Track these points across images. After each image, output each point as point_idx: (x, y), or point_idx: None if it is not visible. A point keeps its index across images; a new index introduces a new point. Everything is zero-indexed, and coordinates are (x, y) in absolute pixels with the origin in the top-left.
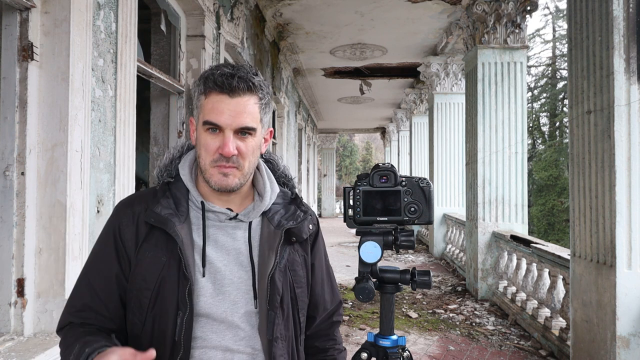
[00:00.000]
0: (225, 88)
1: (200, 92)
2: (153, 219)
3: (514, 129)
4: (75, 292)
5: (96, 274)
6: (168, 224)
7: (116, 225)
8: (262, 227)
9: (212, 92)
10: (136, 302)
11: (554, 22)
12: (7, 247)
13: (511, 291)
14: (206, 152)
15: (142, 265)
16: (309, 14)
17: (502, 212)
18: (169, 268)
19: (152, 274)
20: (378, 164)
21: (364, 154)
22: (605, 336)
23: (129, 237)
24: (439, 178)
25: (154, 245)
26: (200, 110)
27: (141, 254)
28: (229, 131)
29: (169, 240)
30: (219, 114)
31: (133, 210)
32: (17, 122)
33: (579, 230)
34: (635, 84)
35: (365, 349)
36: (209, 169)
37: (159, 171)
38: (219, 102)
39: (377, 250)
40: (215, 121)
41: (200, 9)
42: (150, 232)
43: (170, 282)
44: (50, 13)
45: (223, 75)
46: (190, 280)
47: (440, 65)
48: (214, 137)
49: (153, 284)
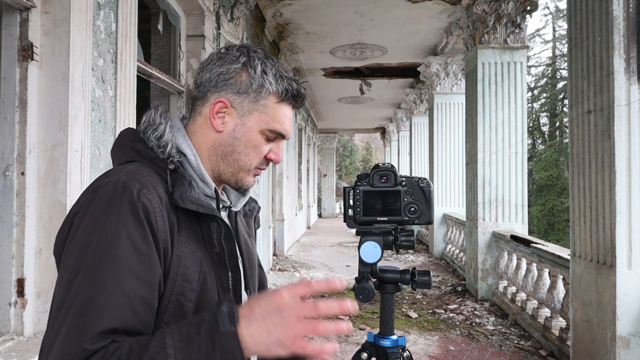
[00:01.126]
0: (297, 105)
1: (272, 91)
2: (195, 205)
3: (514, 129)
4: (104, 314)
5: (139, 283)
6: (216, 211)
7: (146, 212)
8: (237, 217)
9: (286, 103)
10: (177, 309)
11: (554, 22)
12: (7, 247)
13: (511, 291)
14: (256, 154)
15: (181, 262)
16: (309, 14)
17: (502, 212)
18: (206, 263)
19: (194, 272)
20: (378, 164)
21: (364, 154)
22: (605, 336)
23: (162, 228)
24: (439, 178)
25: (186, 237)
26: (264, 110)
27: (177, 249)
28: (282, 142)
29: (197, 229)
30: (286, 124)
31: (158, 193)
32: (17, 122)
33: (579, 230)
34: (635, 84)
35: (365, 349)
36: (251, 170)
37: (171, 147)
38: (287, 113)
39: (377, 250)
40: (285, 133)
41: (200, 9)
42: (179, 222)
43: (210, 279)
44: (50, 13)
45: (300, 94)
46: (234, 270)
47: (440, 65)
48: (267, 143)
49: (196, 283)
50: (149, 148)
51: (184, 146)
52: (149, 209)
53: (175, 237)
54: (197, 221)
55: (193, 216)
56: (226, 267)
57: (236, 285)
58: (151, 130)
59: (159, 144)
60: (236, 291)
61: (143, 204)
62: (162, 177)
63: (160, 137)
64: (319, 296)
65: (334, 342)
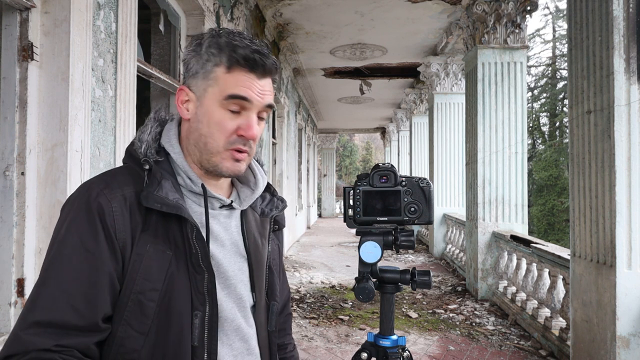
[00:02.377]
0: (258, 68)
1: (217, 63)
2: (159, 204)
3: (514, 129)
4: (43, 307)
5: (80, 279)
6: (182, 210)
7: (101, 211)
8: (249, 216)
9: (239, 69)
10: (136, 309)
11: (554, 22)
12: (7, 247)
13: (511, 291)
14: (220, 132)
15: (143, 261)
16: (309, 14)
17: (502, 212)
18: (177, 262)
19: (158, 271)
20: (378, 164)
21: (364, 154)
22: (605, 336)
23: (122, 227)
24: (439, 178)
25: (153, 236)
26: (215, 83)
27: (140, 248)
28: (254, 112)
29: (170, 229)
30: (243, 89)
31: (123, 193)
32: (17, 122)
33: (579, 230)
34: (635, 84)
35: (365, 349)
36: (221, 151)
37: (147, 147)
38: (247, 80)
39: (377, 250)
40: (247, 95)
41: (200, 9)
42: (146, 221)
43: (180, 280)
44: (50, 13)
45: (254, 52)
46: (208, 273)
47: (440, 65)
48: (233, 117)
49: (160, 283)
50: (134, 149)
51: (167, 145)
52: (105, 209)
53: (138, 235)
54: (172, 220)
55: (167, 216)
56: (202, 268)
57: (211, 287)
58: (139, 133)
59: (140, 145)
60: (211, 293)
61: (99, 204)
62: (141, 176)
63: (141, 138)
64: (321, 295)
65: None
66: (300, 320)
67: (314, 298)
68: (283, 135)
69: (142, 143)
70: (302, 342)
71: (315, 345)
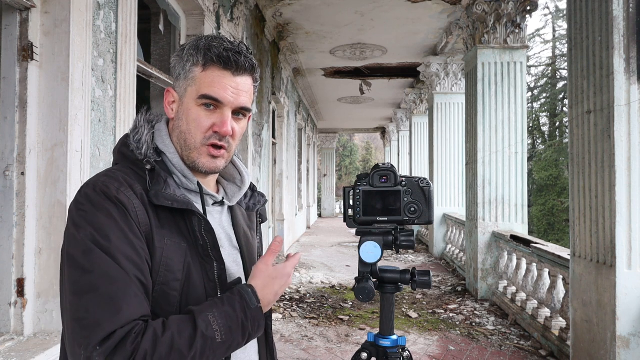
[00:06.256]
0: (231, 65)
1: (194, 62)
2: (170, 202)
3: (514, 129)
4: (108, 305)
5: (128, 276)
6: (192, 205)
7: (125, 207)
8: (237, 211)
9: (213, 66)
10: (163, 299)
11: (554, 22)
12: (7, 247)
13: (511, 291)
14: (197, 129)
15: (163, 253)
16: (308, 14)
17: (502, 212)
18: (191, 254)
19: (177, 262)
20: (378, 164)
21: (364, 154)
22: (605, 336)
23: (144, 222)
24: (439, 178)
25: (169, 230)
26: (193, 83)
27: (158, 241)
28: (228, 109)
29: (180, 223)
30: (221, 89)
31: (135, 190)
32: (17, 122)
33: (579, 230)
34: (635, 84)
35: (365, 349)
36: (199, 147)
37: (147, 148)
38: (221, 77)
39: (377, 250)
40: (217, 96)
41: (200, 9)
42: (158, 217)
43: (195, 269)
44: (50, 13)
45: (229, 50)
46: (217, 261)
47: (440, 65)
48: (209, 114)
49: (181, 273)
50: (130, 151)
51: (162, 145)
52: (127, 206)
53: (155, 230)
54: (180, 215)
55: (175, 211)
56: (211, 257)
57: (221, 274)
58: (133, 134)
59: (138, 146)
60: (222, 280)
61: (121, 200)
62: (141, 177)
63: (139, 140)
64: (321, 295)
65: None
66: (300, 320)
67: (314, 298)
68: (283, 135)
69: (142, 144)
70: (302, 342)
71: (315, 345)
